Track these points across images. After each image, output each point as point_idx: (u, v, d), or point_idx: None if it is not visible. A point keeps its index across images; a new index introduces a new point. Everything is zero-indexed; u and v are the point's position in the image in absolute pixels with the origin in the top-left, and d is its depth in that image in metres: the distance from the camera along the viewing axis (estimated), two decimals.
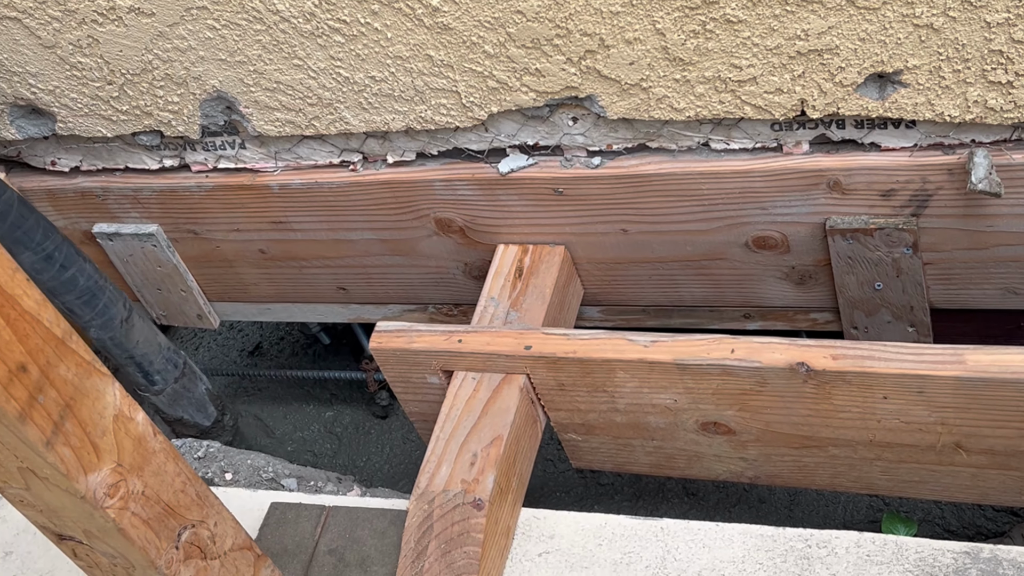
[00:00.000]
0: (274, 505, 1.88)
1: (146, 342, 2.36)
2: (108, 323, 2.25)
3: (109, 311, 2.24)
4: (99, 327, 2.25)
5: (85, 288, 2.18)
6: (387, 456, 2.87)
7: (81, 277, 2.16)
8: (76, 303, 2.19)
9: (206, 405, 2.57)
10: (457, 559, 1.65)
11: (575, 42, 1.70)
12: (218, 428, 2.63)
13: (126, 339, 2.30)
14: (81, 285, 2.17)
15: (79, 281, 2.16)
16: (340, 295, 2.38)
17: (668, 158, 1.86)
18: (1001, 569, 1.53)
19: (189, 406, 2.52)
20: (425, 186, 2.02)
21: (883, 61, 1.60)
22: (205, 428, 2.58)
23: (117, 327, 2.27)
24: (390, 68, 1.84)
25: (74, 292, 2.17)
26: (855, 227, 1.82)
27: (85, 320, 2.23)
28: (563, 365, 1.76)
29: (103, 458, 1.31)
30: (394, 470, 2.85)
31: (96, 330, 2.26)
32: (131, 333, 2.31)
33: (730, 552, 1.65)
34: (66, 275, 2.14)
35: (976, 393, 1.53)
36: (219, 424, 2.62)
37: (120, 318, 2.26)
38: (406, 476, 2.81)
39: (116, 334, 2.28)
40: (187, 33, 1.88)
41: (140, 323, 2.33)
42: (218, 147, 2.11)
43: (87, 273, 2.18)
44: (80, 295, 2.18)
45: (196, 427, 2.56)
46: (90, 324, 2.24)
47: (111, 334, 2.27)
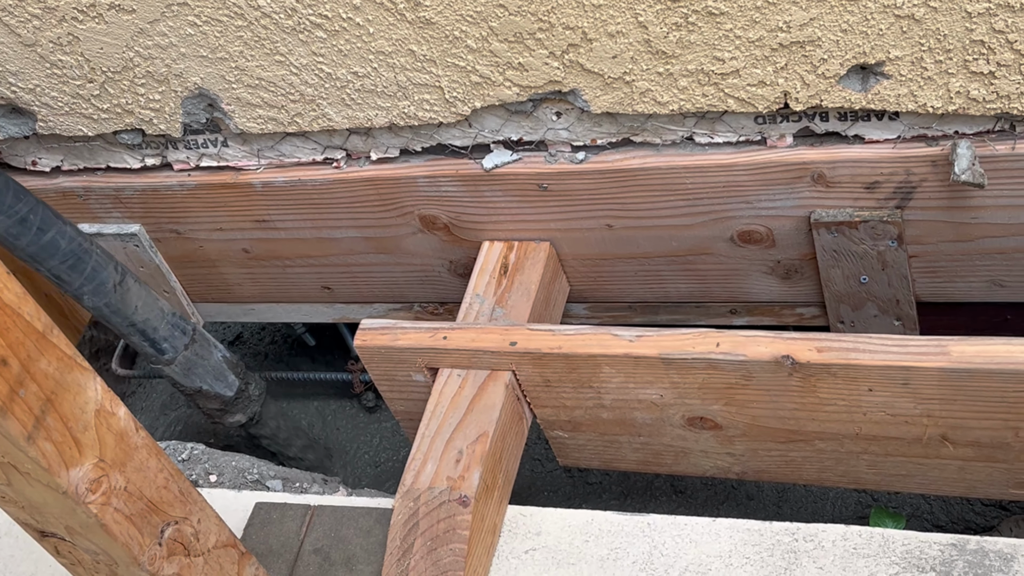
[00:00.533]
0: (259, 505, 1.87)
1: (146, 307, 2.20)
2: (100, 288, 2.10)
3: (99, 275, 2.09)
4: (91, 293, 2.10)
5: (68, 252, 2.03)
6: (374, 457, 2.86)
7: (62, 240, 2.02)
8: (61, 268, 2.05)
9: (225, 373, 2.41)
10: (443, 556, 1.64)
11: (558, 36, 1.70)
12: (243, 399, 2.48)
13: (123, 304, 2.15)
14: (64, 248, 2.03)
15: (60, 244, 2.02)
16: (325, 294, 2.37)
17: (652, 152, 1.86)
18: (987, 560, 1.53)
19: (207, 375, 2.37)
20: (409, 183, 2.02)
21: (865, 52, 1.60)
22: (228, 399, 2.43)
23: (111, 292, 2.12)
24: (372, 63, 1.83)
25: (56, 256, 2.03)
26: (840, 220, 1.82)
27: (75, 287, 2.08)
28: (549, 361, 1.75)
29: (85, 453, 1.30)
30: (381, 470, 2.84)
31: (89, 297, 2.11)
32: (127, 297, 2.15)
33: (717, 546, 1.64)
34: (45, 238, 2.00)
35: (961, 384, 1.53)
36: (244, 395, 2.47)
37: (113, 282, 2.11)
38: (393, 477, 2.79)
39: (111, 300, 2.13)
40: (168, 30, 1.87)
41: (136, 286, 2.19)
42: (200, 145, 2.10)
43: (68, 236, 2.04)
44: (64, 259, 2.04)
45: (219, 398, 2.42)
46: (82, 291, 2.10)
47: (105, 300, 2.12)
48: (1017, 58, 1.54)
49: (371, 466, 2.86)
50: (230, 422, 2.50)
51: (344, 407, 3.00)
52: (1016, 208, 1.74)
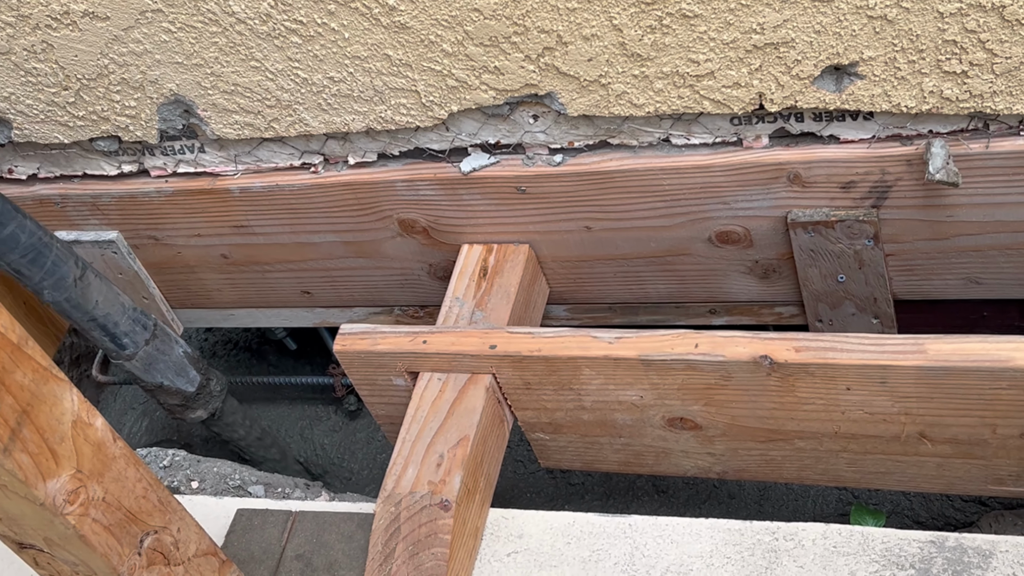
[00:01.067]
0: (240, 511, 1.87)
1: (107, 302, 2.19)
2: (60, 283, 2.08)
3: (59, 269, 2.06)
4: (51, 288, 2.08)
5: (29, 246, 2.01)
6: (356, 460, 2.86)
7: (22, 234, 1.99)
8: (21, 263, 2.02)
9: (186, 369, 2.40)
10: (425, 561, 1.64)
11: (533, 39, 1.70)
12: (205, 395, 2.46)
13: (83, 299, 2.13)
14: (24, 242, 2.00)
15: (20, 238, 1.99)
16: (304, 299, 2.36)
17: (629, 154, 1.86)
18: (966, 557, 1.54)
19: (167, 370, 2.36)
20: (387, 187, 2.01)
21: (839, 53, 1.60)
22: (190, 394, 2.41)
23: (71, 286, 2.09)
24: (348, 68, 1.83)
25: (16, 250, 2.00)
26: (816, 220, 1.83)
27: (35, 282, 2.06)
28: (529, 364, 1.75)
29: (62, 464, 1.30)
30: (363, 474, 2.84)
31: (49, 291, 2.09)
32: (88, 292, 2.13)
33: (698, 547, 1.65)
34: (5, 232, 1.97)
35: (938, 382, 1.53)
36: (205, 390, 2.45)
37: (73, 276, 2.09)
38: (375, 481, 2.79)
39: (71, 294, 2.11)
40: (143, 36, 1.87)
41: (97, 281, 2.17)
42: (177, 151, 2.09)
43: (28, 229, 2.01)
44: (24, 253, 2.01)
45: (180, 394, 2.40)
46: (41, 286, 2.07)
47: (66, 295, 2.10)
48: (989, 57, 1.55)
49: (353, 469, 2.85)
50: (191, 418, 2.47)
51: (326, 411, 3.00)
52: (991, 206, 1.75)
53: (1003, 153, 1.67)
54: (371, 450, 2.89)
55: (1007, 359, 1.49)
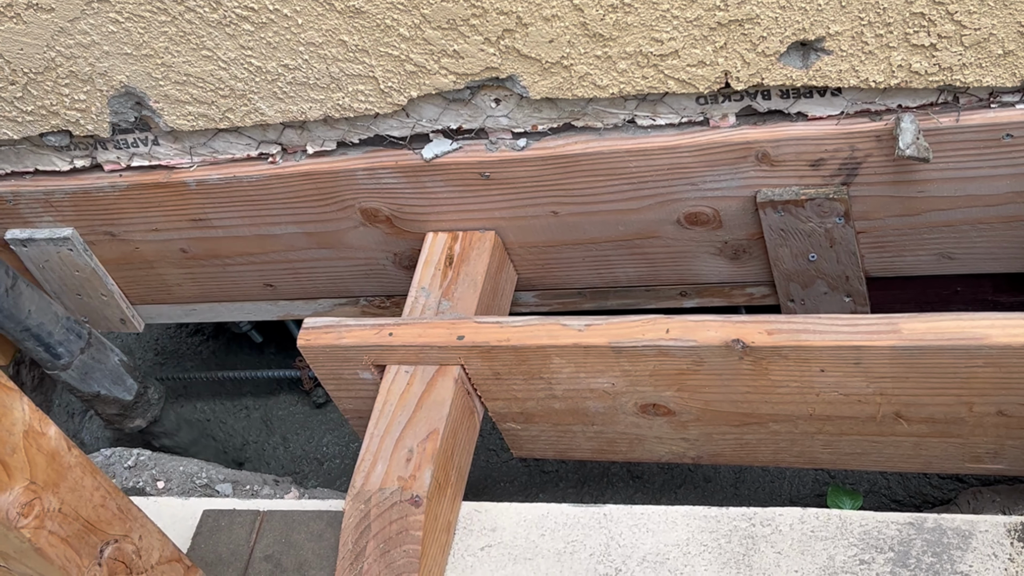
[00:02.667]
0: (207, 513, 1.83)
1: (39, 311, 2.17)
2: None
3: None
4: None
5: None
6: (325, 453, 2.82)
7: None
8: None
9: (123, 377, 2.39)
10: (397, 559, 1.61)
11: (492, 21, 1.66)
12: (143, 403, 2.45)
13: (15, 308, 2.12)
14: None
15: None
16: (267, 292, 2.32)
17: (594, 137, 1.82)
18: (945, 538, 1.52)
19: (104, 379, 2.35)
20: (348, 176, 1.97)
21: (805, 28, 1.57)
22: (128, 403, 2.41)
23: (3, 296, 2.08)
24: (303, 55, 1.78)
25: None
26: (786, 199, 1.80)
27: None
28: (497, 354, 1.72)
29: (14, 476, 1.26)
30: (332, 467, 2.80)
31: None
32: (20, 302, 2.12)
33: (674, 535, 1.62)
34: None
35: (913, 362, 1.51)
36: (143, 398, 2.45)
37: (4, 287, 2.08)
38: (345, 474, 2.76)
39: (4, 304, 2.09)
40: (89, 28, 1.81)
41: (28, 291, 2.15)
42: (130, 144, 2.04)
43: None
44: None
45: (117, 402, 2.40)
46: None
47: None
48: (958, 29, 1.52)
49: (322, 463, 2.82)
50: (130, 427, 2.45)
51: (293, 404, 2.96)
52: (962, 180, 1.72)
53: (974, 126, 1.64)
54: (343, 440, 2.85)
55: (982, 336, 1.47)
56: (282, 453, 2.89)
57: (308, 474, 2.82)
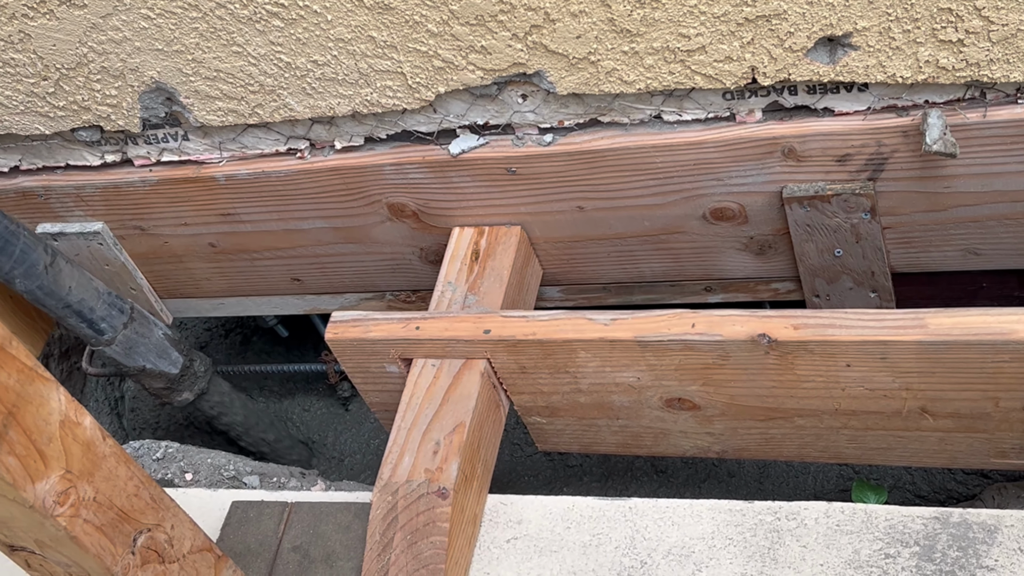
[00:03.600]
0: (235, 504, 1.85)
1: (80, 287, 2.16)
2: (31, 271, 2.05)
3: (28, 256, 2.04)
4: (22, 276, 2.05)
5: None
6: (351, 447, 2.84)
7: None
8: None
9: (168, 350, 2.37)
10: (424, 550, 1.62)
11: (520, 17, 1.67)
12: (189, 376, 2.43)
13: (56, 285, 2.10)
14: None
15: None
16: (295, 286, 2.33)
17: (621, 132, 1.83)
18: (971, 532, 1.52)
19: (149, 353, 2.33)
20: (375, 171, 1.98)
21: (832, 24, 1.57)
22: (174, 376, 2.38)
23: (42, 273, 2.07)
24: (332, 51, 1.79)
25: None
26: (812, 194, 1.81)
27: (5, 272, 2.03)
28: (523, 348, 1.73)
29: (51, 465, 1.27)
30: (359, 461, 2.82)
31: (21, 280, 2.06)
32: (60, 279, 2.11)
33: (699, 528, 1.63)
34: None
35: (939, 357, 1.51)
36: (189, 371, 2.42)
37: (43, 263, 2.07)
38: (371, 467, 2.77)
39: (43, 282, 2.08)
40: (121, 24, 1.83)
41: (68, 267, 2.14)
42: (160, 140, 2.06)
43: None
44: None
45: (163, 376, 2.38)
46: (12, 275, 2.05)
47: (38, 283, 2.08)
48: (986, 25, 1.52)
49: (349, 457, 2.83)
50: (178, 400, 2.44)
51: (319, 398, 2.97)
52: (989, 176, 1.72)
53: (1001, 122, 1.64)
54: (364, 436, 2.87)
55: (1009, 332, 1.47)
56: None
57: (329, 469, 2.84)
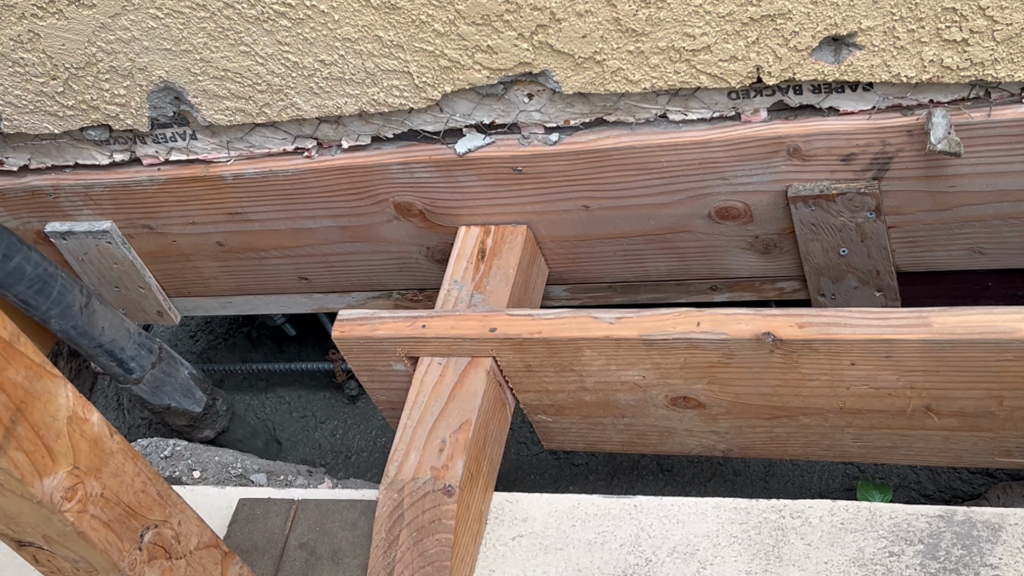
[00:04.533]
0: (242, 501, 1.85)
1: (112, 328, 2.25)
2: (67, 311, 2.15)
3: (65, 298, 2.13)
4: (58, 316, 2.15)
5: (35, 276, 2.08)
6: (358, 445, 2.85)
7: (28, 265, 2.07)
8: (28, 293, 2.09)
9: (192, 390, 2.47)
10: (429, 547, 1.63)
11: (526, 17, 1.67)
12: (211, 414, 2.52)
13: (89, 326, 2.20)
14: (29, 274, 2.07)
15: (26, 270, 2.07)
16: (302, 285, 2.34)
17: (626, 131, 1.84)
18: (975, 531, 1.52)
19: (175, 392, 2.42)
20: (382, 170, 1.99)
21: (837, 24, 1.58)
22: (197, 415, 2.48)
23: (77, 314, 2.16)
24: (339, 51, 1.80)
25: (23, 282, 2.08)
26: (817, 193, 1.81)
27: (42, 312, 2.13)
28: (529, 346, 1.74)
29: (58, 461, 1.28)
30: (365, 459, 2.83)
31: (56, 320, 2.15)
32: (94, 319, 2.20)
33: (704, 527, 1.63)
34: (11, 264, 2.05)
35: (943, 355, 1.52)
36: (211, 410, 2.52)
37: (79, 305, 2.16)
38: (377, 466, 2.78)
39: (78, 322, 2.17)
40: (130, 23, 1.84)
41: (102, 308, 2.23)
42: (169, 139, 2.07)
43: (34, 261, 2.08)
44: (31, 284, 2.09)
45: (187, 414, 2.47)
46: (48, 315, 2.14)
47: (72, 323, 2.17)
48: (990, 24, 1.53)
49: (355, 454, 2.84)
50: (199, 437, 2.52)
51: (326, 396, 2.98)
52: (994, 175, 1.73)
53: (1005, 121, 1.64)
54: (371, 434, 2.87)
55: (1013, 330, 1.47)
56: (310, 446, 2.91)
57: (336, 467, 2.85)
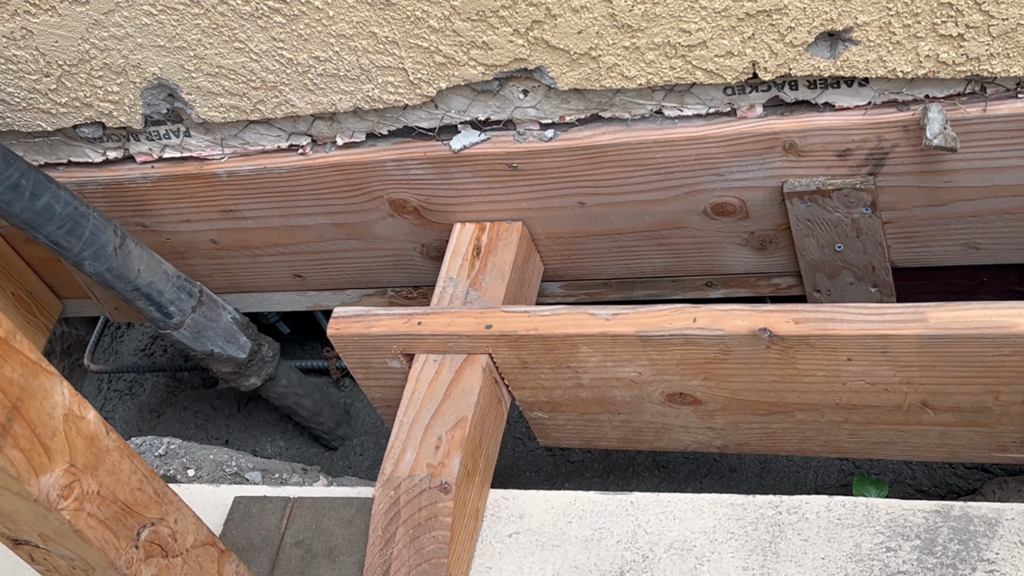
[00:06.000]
0: (238, 499, 1.85)
1: (149, 270, 2.14)
2: (100, 252, 2.05)
3: (98, 238, 2.03)
4: (92, 258, 2.05)
5: (65, 216, 1.98)
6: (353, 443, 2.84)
7: (57, 204, 1.97)
8: (59, 234, 2.00)
9: (236, 335, 2.34)
10: (426, 544, 1.63)
11: (521, 12, 1.67)
12: (257, 361, 2.40)
13: (125, 268, 2.09)
14: (59, 213, 1.97)
15: (56, 209, 1.97)
16: (296, 283, 2.34)
17: (622, 127, 1.83)
18: (972, 526, 1.52)
19: (217, 337, 2.30)
20: (377, 167, 1.99)
21: (833, 19, 1.58)
22: (242, 361, 2.35)
23: (112, 256, 2.06)
24: (334, 47, 1.80)
25: (53, 222, 1.98)
26: (812, 189, 1.81)
27: (75, 253, 2.03)
28: (525, 343, 1.74)
29: (55, 459, 1.28)
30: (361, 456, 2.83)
31: (90, 262, 2.06)
32: (129, 260, 2.10)
33: (701, 523, 1.64)
34: (39, 203, 1.95)
35: (939, 350, 1.52)
36: (257, 356, 2.39)
37: (113, 245, 2.06)
38: (374, 463, 2.78)
39: (112, 264, 2.07)
40: (123, 20, 1.83)
41: (137, 249, 2.13)
42: (162, 136, 2.06)
43: (63, 200, 1.98)
44: (61, 224, 1.99)
45: (232, 360, 2.35)
46: (82, 257, 2.04)
47: (107, 264, 2.07)
48: (986, 19, 1.53)
49: (351, 452, 2.84)
50: (245, 385, 2.39)
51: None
52: (989, 170, 1.73)
53: (1001, 116, 1.65)
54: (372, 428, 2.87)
55: (1009, 325, 1.47)
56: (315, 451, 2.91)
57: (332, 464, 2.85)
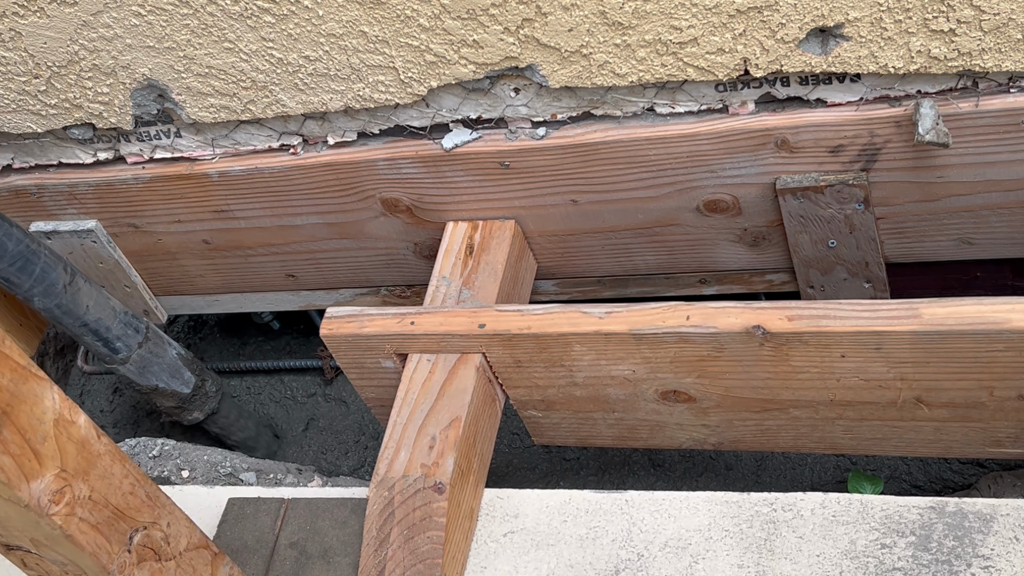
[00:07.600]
0: (232, 501, 1.85)
1: (97, 306, 2.21)
2: (50, 289, 2.10)
3: (48, 276, 2.09)
4: (41, 295, 2.10)
5: (16, 253, 2.04)
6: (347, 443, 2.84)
7: (9, 242, 2.02)
8: (10, 271, 2.05)
9: (180, 371, 2.42)
10: (421, 544, 1.62)
11: (511, 11, 1.67)
12: (201, 396, 2.48)
13: (74, 304, 2.15)
14: (11, 250, 2.03)
15: (7, 246, 2.02)
16: (289, 282, 2.33)
17: (614, 125, 1.83)
18: (967, 522, 1.52)
19: (162, 372, 2.38)
20: (368, 166, 1.98)
21: (824, 15, 1.57)
22: (185, 396, 2.44)
23: (61, 292, 2.12)
24: (324, 47, 1.79)
25: (5, 259, 2.03)
26: (805, 185, 1.81)
27: (25, 289, 2.08)
28: (519, 342, 1.73)
29: (45, 464, 1.27)
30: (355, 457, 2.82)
31: (40, 299, 2.11)
32: (78, 297, 2.16)
33: (696, 521, 1.63)
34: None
35: (933, 346, 1.52)
36: (201, 391, 2.48)
37: (63, 283, 2.11)
38: (367, 463, 2.77)
39: (62, 300, 2.13)
40: (112, 21, 1.83)
41: (87, 286, 2.18)
42: (153, 137, 2.05)
43: (15, 238, 2.03)
44: (12, 261, 2.04)
45: (176, 396, 2.43)
46: (32, 293, 2.09)
47: (56, 301, 2.13)
48: (977, 14, 1.52)
49: (344, 453, 2.83)
50: (188, 420, 2.49)
51: (315, 394, 2.97)
52: (982, 165, 1.73)
53: (993, 111, 1.64)
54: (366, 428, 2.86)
55: (1003, 321, 1.47)
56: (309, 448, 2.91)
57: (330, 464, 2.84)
